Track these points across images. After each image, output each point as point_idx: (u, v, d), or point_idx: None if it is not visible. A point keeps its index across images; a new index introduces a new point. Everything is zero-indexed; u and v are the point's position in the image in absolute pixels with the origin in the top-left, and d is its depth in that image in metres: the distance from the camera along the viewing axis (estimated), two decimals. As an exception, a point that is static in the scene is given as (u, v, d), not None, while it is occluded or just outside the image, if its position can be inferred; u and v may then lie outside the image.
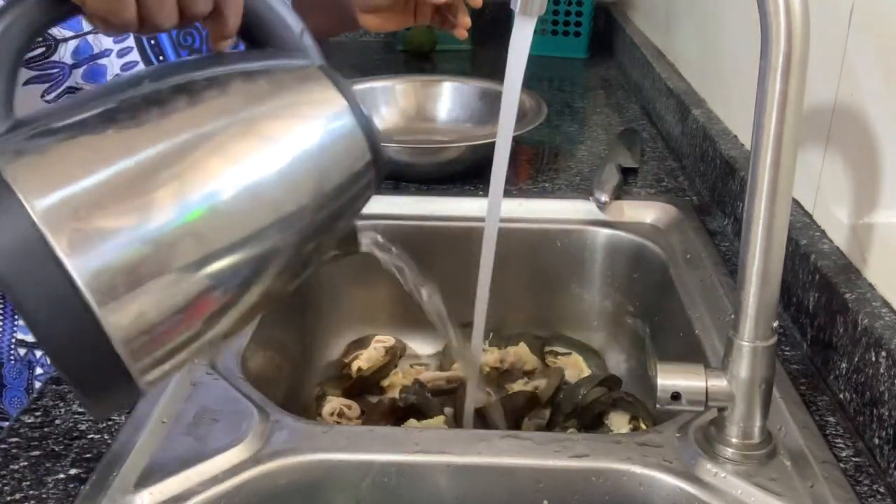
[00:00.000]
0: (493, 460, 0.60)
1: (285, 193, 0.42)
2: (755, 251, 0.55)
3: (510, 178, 1.04)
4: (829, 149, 0.74)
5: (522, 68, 0.63)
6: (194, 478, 0.57)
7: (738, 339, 0.56)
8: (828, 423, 0.63)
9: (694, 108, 1.11)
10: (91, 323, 0.38)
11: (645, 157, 1.16)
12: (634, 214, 0.98)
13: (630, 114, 1.37)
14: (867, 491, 0.57)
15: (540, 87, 1.52)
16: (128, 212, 0.39)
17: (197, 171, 0.40)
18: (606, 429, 0.83)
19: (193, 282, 0.40)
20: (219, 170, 0.41)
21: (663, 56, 1.41)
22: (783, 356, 0.71)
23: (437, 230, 0.97)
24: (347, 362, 0.95)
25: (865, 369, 0.61)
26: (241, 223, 0.41)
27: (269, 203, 0.42)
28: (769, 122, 0.52)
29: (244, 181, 0.41)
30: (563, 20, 1.76)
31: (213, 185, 0.40)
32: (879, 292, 0.65)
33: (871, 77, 0.68)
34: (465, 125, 1.21)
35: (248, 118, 0.42)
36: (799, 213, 0.78)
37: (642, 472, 0.59)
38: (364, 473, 0.60)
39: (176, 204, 0.39)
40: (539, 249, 0.97)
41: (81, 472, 0.58)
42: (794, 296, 0.75)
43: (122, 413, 0.64)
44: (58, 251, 0.37)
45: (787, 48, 0.50)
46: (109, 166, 0.39)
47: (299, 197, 0.43)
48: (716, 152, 0.98)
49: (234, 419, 0.62)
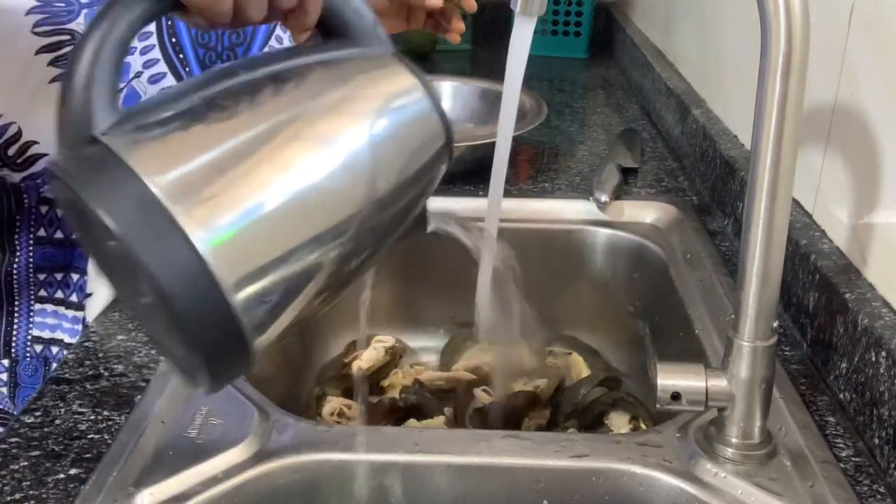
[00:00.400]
0: (493, 460, 0.60)
1: (377, 172, 0.45)
2: (755, 251, 0.55)
3: (510, 178, 1.04)
4: (829, 149, 0.74)
5: (522, 68, 0.63)
6: (194, 478, 0.57)
7: (738, 339, 0.56)
8: (828, 423, 0.63)
9: (694, 108, 1.12)
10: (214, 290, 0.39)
11: (645, 157, 1.16)
12: (634, 214, 0.98)
13: (630, 114, 1.38)
14: (867, 491, 0.57)
15: (540, 87, 1.52)
16: (242, 190, 0.41)
17: (299, 152, 0.43)
18: (606, 429, 0.83)
19: (303, 254, 0.43)
20: (317, 150, 0.43)
21: (663, 56, 1.41)
22: (783, 356, 0.71)
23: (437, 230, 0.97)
24: (347, 362, 0.95)
25: (865, 369, 0.61)
26: (342, 198, 0.44)
27: (365, 181, 0.44)
28: (769, 122, 0.52)
29: (342, 159, 0.44)
30: (563, 20, 1.76)
31: (315, 165, 0.43)
32: (879, 292, 0.65)
33: (871, 77, 0.68)
34: (465, 125, 1.21)
35: (340, 101, 0.45)
36: (799, 213, 0.78)
37: (642, 472, 0.59)
38: (364, 473, 0.60)
39: (286, 182, 0.42)
40: (539, 249, 0.97)
41: (81, 472, 0.58)
42: (794, 296, 0.75)
43: (122, 413, 0.64)
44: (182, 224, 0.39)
45: (787, 48, 0.50)
46: (221, 150, 0.41)
47: (390, 174, 0.46)
48: (716, 152, 0.98)
49: (234, 419, 0.62)
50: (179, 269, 0.39)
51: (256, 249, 0.41)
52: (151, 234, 0.39)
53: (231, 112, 0.43)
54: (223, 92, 0.43)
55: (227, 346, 0.41)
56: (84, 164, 0.40)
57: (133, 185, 0.39)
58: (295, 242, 0.42)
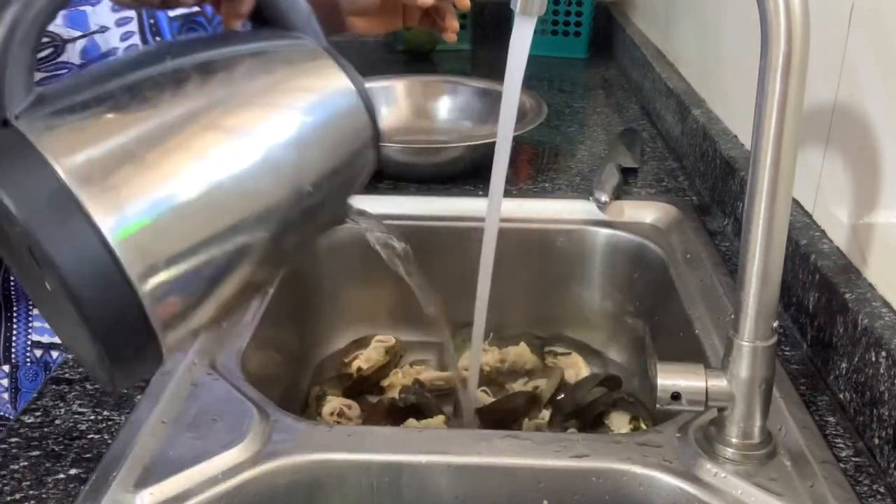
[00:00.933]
0: (493, 460, 0.60)
1: (300, 163, 0.45)
2: (755, 251, 0.55)
3: (510, 178, 1.04)
4: (829, 149, 0.74)
5: (522, 68, 0.63)
6: (194, 478, 0.57)
7: (738, 339, 0.56)
8: (828, 423, 0.63)
9: (694, 108, 1.11)
10: (120, 279, 0.38)
11: (645, 157, 1.16)
12: (634, 214, 0.98)
13: (630, 114, 1.37)
14: (867, 491, 0.57)
15: (540, 87, 1.52)
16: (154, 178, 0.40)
17: (217, 142, 0.42)
18: (606, 429, 0.83)
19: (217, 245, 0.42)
20: (238, 139, 0.43)
21: (663, 56, 1.41)
22: (783, 356, 0.71)
23: (437, 230, 0.97)
24: (347, 362, 0.95)
25: (865, 369, 0.61)
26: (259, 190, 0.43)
27: (284, 174, 0.44)
28: (769, 122, 0.52)
29: (262, 151, 0.43)
30: (563, 20, 1.76)
31: (232, 155, 0.42)
32: (879, 292, 0.65)
33: (871, 77, 0.68)
34: (465, 125, 1.21)
35: (263, 92, 0.45)
36: (799, 213, 0.78)
37: (642, 472, 0.59)
38: (364, 473, 0.60)
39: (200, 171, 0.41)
40: (539, 249, 0.97)
41: (81, 472, 0.58)
42: (794, 296, 0.75)
43: (122, 413, 0.64)
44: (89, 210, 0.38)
45: (787, 48, 0.50)
46: (135, 137, 0.40)
47: (310, 168, 0.45)
48: (716, 152, 0.98)
49: (234, 419, 0.62)
50: (85, 257, 0.38)
51: (166, 238, 0.40)
52: (56, 219, 0.37)
53: (150, 101, 0.42)
54: (145, 79, 0.42)
55: (133, 338, 0.40)
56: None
57: (41, 170, 0.38)
58: (207, 233, 0.41)
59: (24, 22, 0.39)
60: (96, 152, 0.39)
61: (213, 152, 0.42)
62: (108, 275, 0.38)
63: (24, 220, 0.37)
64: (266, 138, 0.43)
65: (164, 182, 0.40)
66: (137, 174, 0.40)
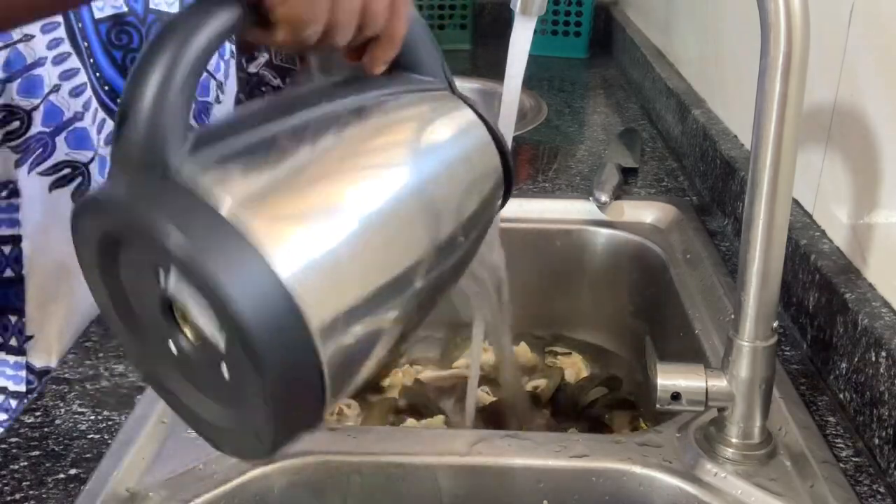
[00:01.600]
0: (493, 460, 0.60)
1: (452, 210, 0.45)
2: (755, 251, 0.55)
3: (510, 178, 1.04)
4: (829, 149, 0.74)
5: (522, 68, 0.63)
6: (194, 478, 0.57)
7: (738, 339, 0.56)
8: (828, 423, 0.63)
9: (694, 108, 1.11)
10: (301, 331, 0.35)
11: (645, 157, 1.16)
12: (634, 214, 0.98)
13: (630, 114, 1.37)
14: (867, 491, 0.57)
15: (540, 87, 1.52)
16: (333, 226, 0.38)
17: (386, 190, 0.41)
18: (606, 429, 0.83)
19: (390, 294, 0.40)
20: (404, 187, 0.42)
21: (663, 56, 1.41)
22: (783, 356, 0.71)
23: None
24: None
25: (865, 369, 0.61)
26: (424, 236, 0.43)
27: (444, 219, 0.44)
28: (769, 122, 0.52)
29: (427, 197, 0.43)
30: (563, 20, 1.76)
31: (401, 203, 0.42)
32: (879, 292, 0.65)
33: (871, 77, 0.68)
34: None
35: (421, 141, 0.45)
36: (799, 213, 0.78)
37: (642, 472, 0.59)
38: (364, 473, 0.60)
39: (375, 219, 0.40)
40: (539, 249, 0.97)
41: (81, 472, 0.58)
42: (794, 296, 0.74)
43: (122, 413, 0.64)
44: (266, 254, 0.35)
45: (787, 48, 0.50)
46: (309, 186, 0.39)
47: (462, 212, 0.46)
48: (716, 152, 0.98)
49: (234, 419, 0.62)
50: (262, 301, 0.34)
51: (344, 289, 0.37)
52: (231, 259, 0.34)
53: (316, 147, 0.40)
54: (305, 125, 0.40)
55: (305, 399, 0.36)
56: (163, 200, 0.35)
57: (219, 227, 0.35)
58: (381, 282, 0.39)
59: (182, 66, 0.36)
60: (282, 211, 0.37)
61: (383, 200, 0.41)
62: (290, 325, 0.35)
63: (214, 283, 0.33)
64: (429, 185, 0.43)
65: (342, 231, 0.38)
66: (317, 222, 0.37)
